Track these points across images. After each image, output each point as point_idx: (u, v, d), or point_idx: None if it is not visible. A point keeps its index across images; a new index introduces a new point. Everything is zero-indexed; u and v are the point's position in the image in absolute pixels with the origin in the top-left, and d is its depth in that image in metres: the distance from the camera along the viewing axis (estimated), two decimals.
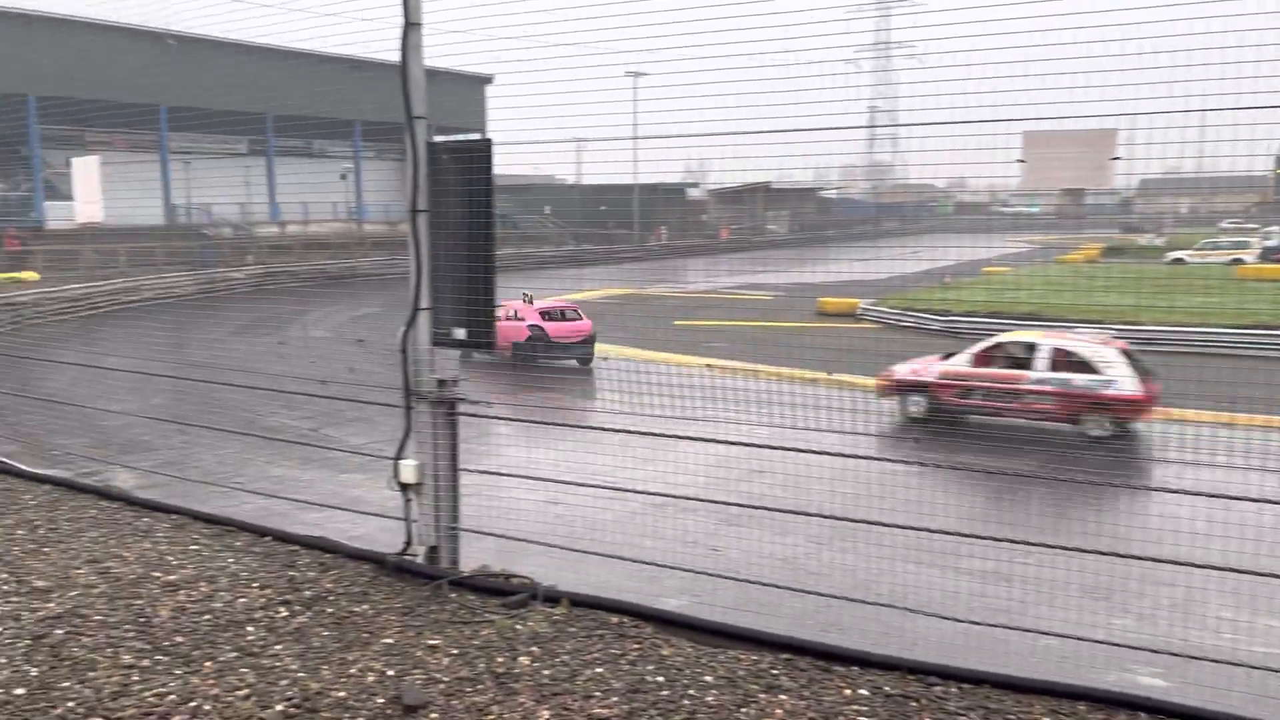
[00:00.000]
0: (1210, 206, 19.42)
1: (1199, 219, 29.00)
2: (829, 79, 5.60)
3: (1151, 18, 4.50)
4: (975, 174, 5.80)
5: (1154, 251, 30.15)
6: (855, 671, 5.04)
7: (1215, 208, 26.87)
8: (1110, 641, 5.95)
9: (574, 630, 5.52)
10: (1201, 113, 4.69)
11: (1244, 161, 5.25)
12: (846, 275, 21.43)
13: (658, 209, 40.99)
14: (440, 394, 6.24)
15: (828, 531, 8.43)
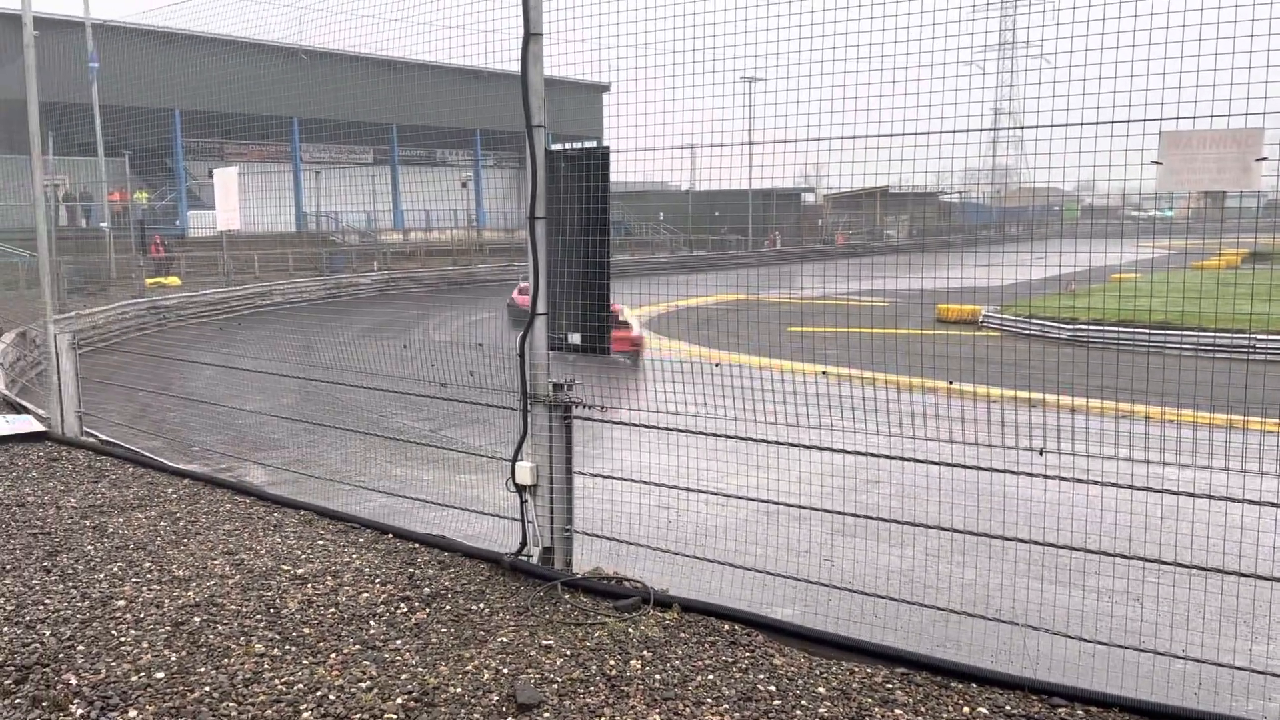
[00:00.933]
0: None
1: None
2: (950, 80, 5.48)
3: None
4: (1104, 177, 5.58)
5: None
6: (974, 689, 4.90)
7: None
8: (1253, 668, 5.64)
9: (685, 636, 5.52)
10: None
11: None
12: (967, 281, 20.88)
13: (772, 214, 40.75)
14: (556, 398, 6.34)
15: (947, 544, 8.23)
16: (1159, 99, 4.40)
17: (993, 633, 6.25)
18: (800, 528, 9.23)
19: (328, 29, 10.18)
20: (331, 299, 32.12)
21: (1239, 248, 20.11)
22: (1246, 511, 5.57)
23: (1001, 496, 7.85)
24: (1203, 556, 6.05)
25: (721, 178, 7.03)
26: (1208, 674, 5.54)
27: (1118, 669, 5.57)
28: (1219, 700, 5.41)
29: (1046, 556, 6.79)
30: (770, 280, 27.87)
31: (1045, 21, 6.12)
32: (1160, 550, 6.28)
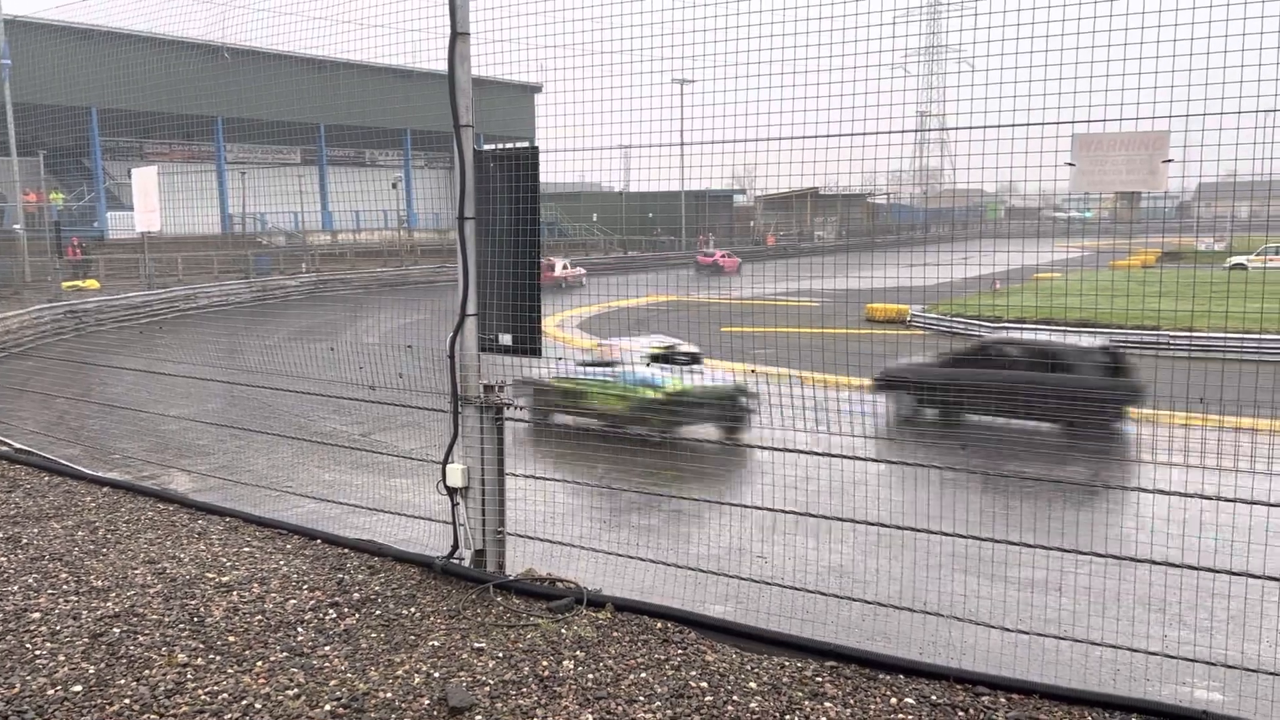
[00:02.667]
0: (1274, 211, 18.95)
1: (1262, 224, 28.29)
2: (877, 83, 5.58)
3: (1209, 17, 4.43)
4: (1025, 178, 5.73)
5: (1214, 257, 29.48)
6: (901, 680, 5.00)
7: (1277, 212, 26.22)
8: (1166, 653, 5.83)
9: (618, 635, 5.54)
10: (1259, 113, 4.60)
11: None
12: (895, 281, 21.25)
13: (705, 215, 41.03)
14: (487, 399, 6.31)
15: (876, 539, 8.36)
16: (1071, 103, 4.54)
17: (921, 625, 6.37)
18: (734, 525, 9.32)
19: (250, 27, 9.99)
20: (259, 301, 31.46)
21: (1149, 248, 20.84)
22: (1159, 502, 5.76)
23: (933, 493, 8.00)
24: (1119, 547, 6.26)
25: (654, 179, 7.06)
26: (1125, 660, 5.72)
27: (1040, 657, 5.73)
28: (1134, 685, 5.58)
29: (973, 549, 6.95)
30: (703, 281, 28.04)
31: (966, 26, 6.25)
32: (1077, 541, 6.47)
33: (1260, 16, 4.42)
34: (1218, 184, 9.83)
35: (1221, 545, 6.10)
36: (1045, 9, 4.65)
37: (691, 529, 9.08)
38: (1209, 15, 4.43)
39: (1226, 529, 6.06)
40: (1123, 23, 4.42)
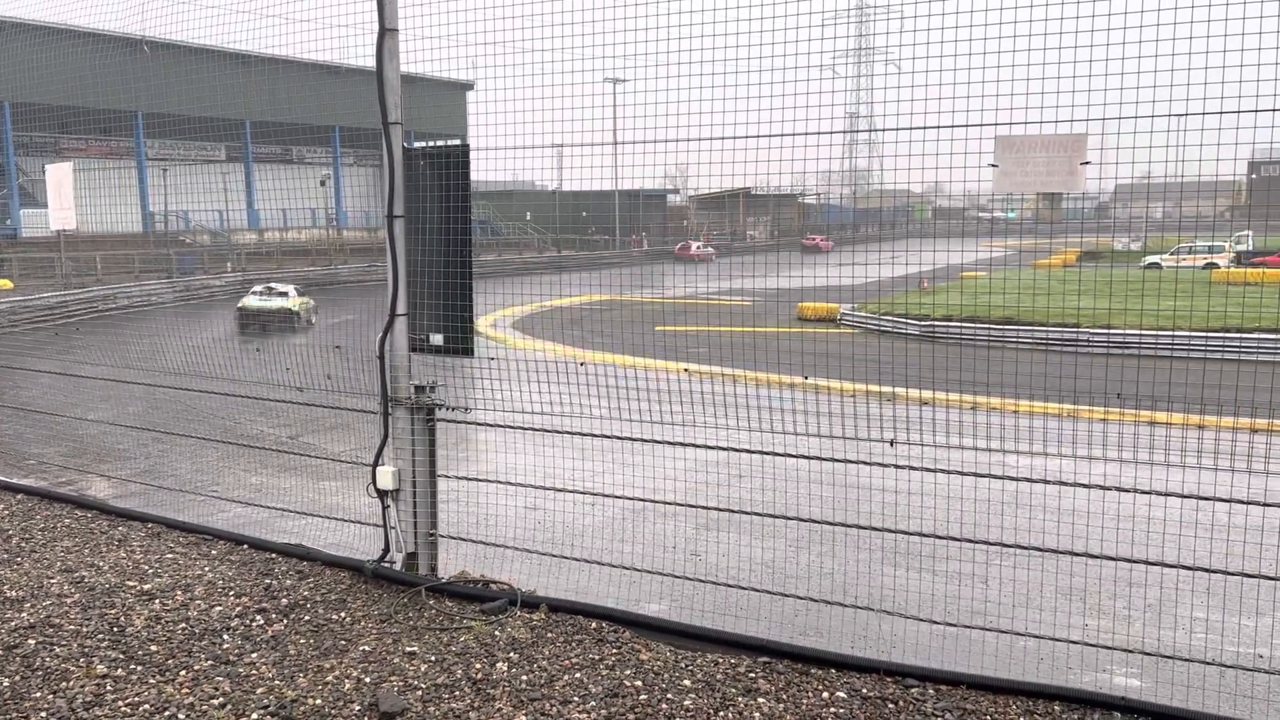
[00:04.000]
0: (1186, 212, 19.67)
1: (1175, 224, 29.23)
2: (807, 85, 5.64)
3: (1127, 24, 4.57)
4: (951, 179, 5.85)
5: (1131, 256, 30.44)
6: (833, 674, 5.07)
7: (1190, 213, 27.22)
8: (1087, 642, 6.00)
9: (552, 636, 5.52)
10: (1172, 117, 4.76)
11: (1218, 166, 5.33)
12: (826, 280, 21.52)
13: (638, 215, 41.14)
14: (418, 400, 6.23)
15: (808, 535, 8.46)
16: (997, 105, 4.65)
17: (852, 619, 6.46)
18: (669, 524, 9.35)
19: (172, 19, 9.72)
20: (183, 301, 30.68)
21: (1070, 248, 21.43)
22: (1079, 495, 5.92)
23: (860, 487, 8.12)
24: (1043, 538, 6.42)
25: (588, 178, 7.05)
26: (1047, 649, 5.87)
27: (967, 648, 5.85)
28: (1056, 673, 5.73)
29: (901, 543, 7.07)
30: (638, 280, 28.11)
31: (893, 29, 6.36)
32: (1002, 534, 6.63)
33: (1173, 23, 4.57)
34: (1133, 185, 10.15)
35: (1139, 536, 6.29)
36: (968, 14, 4.75)
37: (628, 528, 9.09)
38: (1124, 22, 4.58)
39: (1144, 520, 6.26)
40: (1042, 28, 4.54)
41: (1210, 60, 4.50)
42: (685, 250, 18.79)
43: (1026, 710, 4.67)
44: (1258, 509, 5.99)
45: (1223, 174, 5.29)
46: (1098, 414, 11.01)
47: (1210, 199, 18.81)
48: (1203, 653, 5.96)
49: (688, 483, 9.52)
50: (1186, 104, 4.64)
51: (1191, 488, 6.30)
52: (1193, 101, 4.61)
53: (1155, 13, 4.55)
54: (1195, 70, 4.53)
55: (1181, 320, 19.07)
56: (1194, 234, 33.15)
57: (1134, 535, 6.10)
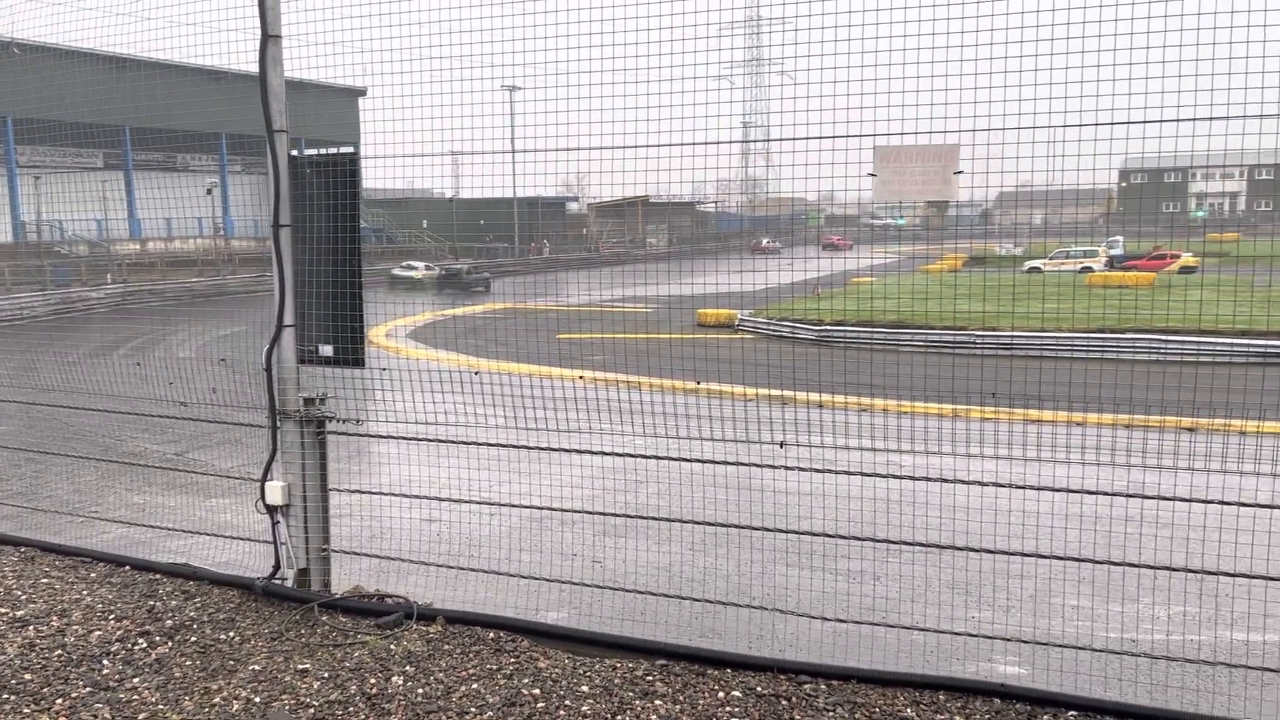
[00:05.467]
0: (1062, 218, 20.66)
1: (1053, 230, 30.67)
2: (703, 94, 5.74)
3: (1005, 38, 4.79)
4: (841, 188, 6.01)
5: (1013, 261, 31.71)
6: (729, 674, 5.15)
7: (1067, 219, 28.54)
8: (971, 633, 6.23)
9: (449, 648, 5.47)
10: (1051, 129, 5.00)
11: (1091, 175, 5.62)
12: (723, 287, 21.83)
13: (537, 222, 41.02)
14: (307, 413, 6.11)
15: (706, 538, 8.57)
16: (872, 116, 4.81)
17: (750, 619, 6.57)
18: (569, 531, 9.35)
19: (44, 20, 9.31)
20: (59, 315, 29.32)
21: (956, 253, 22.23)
22: (964, 492, 6.14)
23: (757, 490, 8.27)
24: (930, 535, 6.65)
25: (485, 185, 7.02)
26: (936, 641, 6.08)
27: (858, 643, 6.02)
28: (945, 664, 5.94)
29: (798, 544, 7.22)
30: (538, 288, 28.00)
31: (787, 41, 6.49)
32: (890, 531, 6.84)
33: (1050, 39, 4.81)
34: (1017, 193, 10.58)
35: (1019, 530, 6.56)
36: (847, 27, 4.91)
37: (528, 537, 9.07)
38: (1005, 37, 4.80)
39: (1024, 515, 6.53)
40: (915, 43, 4.72)
41: (1085, 75, 4.76)
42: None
43: (914, 701, 4.83)
44: (1130, 500, 6.31)
45: (1096, 182, 5.58)
46: (985, 413, 11.45)
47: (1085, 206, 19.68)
48: (1079, 639, 6.26)
49: (588, 490, 9.55)
50: (1065, 116, 4.89)
51: (1066, 482, 6.62)
52: (1070, 114, 4.86)
53: (1034, 29, 4.78)
54: (1072, 84, 4.79)
55: (1061, 322, 19.94)
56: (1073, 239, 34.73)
57: (1013, 530, 6.37)
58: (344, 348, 6.04)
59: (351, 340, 6.00)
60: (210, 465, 12.13)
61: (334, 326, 6.01)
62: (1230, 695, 5.24)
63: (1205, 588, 6.93)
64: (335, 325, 6.00)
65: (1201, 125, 4.88)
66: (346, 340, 6.02)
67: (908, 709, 4.76)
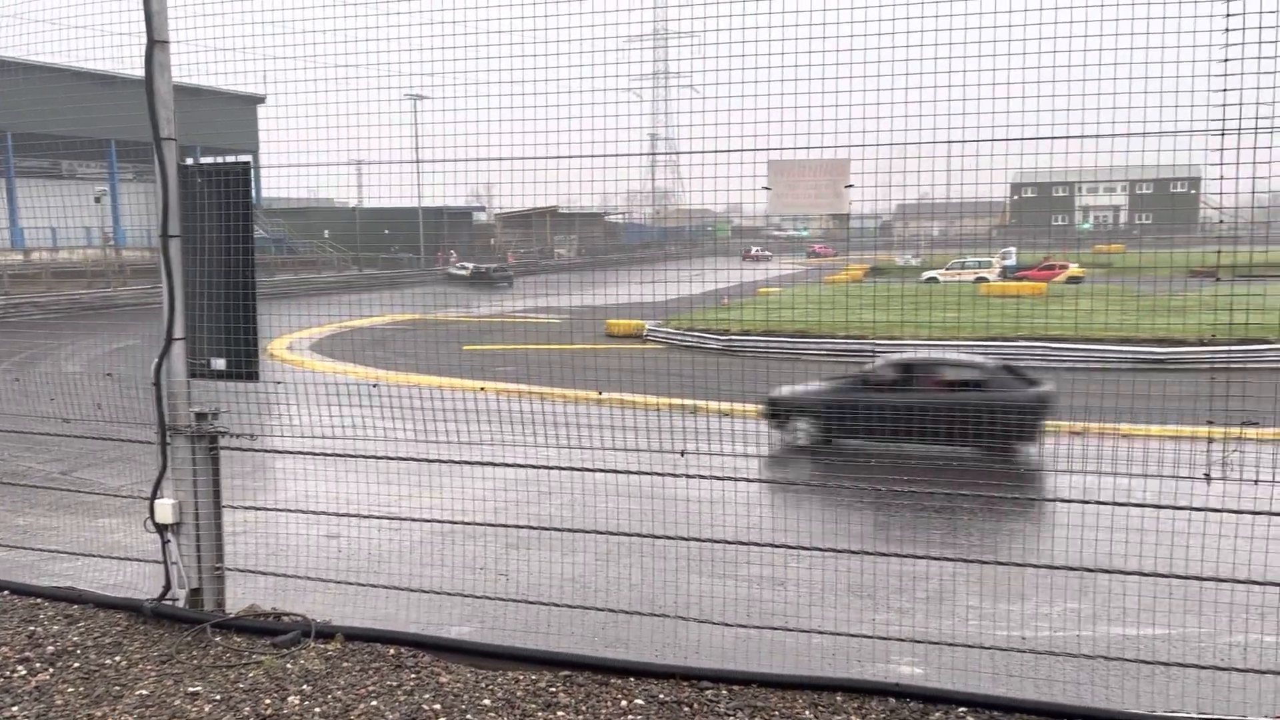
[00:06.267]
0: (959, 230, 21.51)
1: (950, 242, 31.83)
2: (610, 106, 5.77)
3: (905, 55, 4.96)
4: (746, 200, 6.11)
5: (912, 271, 32.66)
6: (632, 683, 5.17)
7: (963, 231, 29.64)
8: (872, 635, 6.37)
9: (348, 665, 5.37)
10: (948, 144, 5.18)
11: (985, 189, 5.83)
12: (632, 298, 21.95)
13: (444, 233, 40.56)
14: (199, 428, 5.93)
15: (614, 548, 8.58)
16: (766, 131, 4.92)
17: (657, 628, 6.60)
18: (475, 545, 9.26)
19: None
20: None
21: (859, 263, 22.76)
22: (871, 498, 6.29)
23: (665, 499, 8.31)
24: (832, 539, 6.78)
25: (390, 195, 6.92)
26: (840, 644, 6.20)
27: (760, 648, 6.10)
28: (847, 666, 6.07)
29: (705, 551, 7.28)
30: (446, 299, 27.69)
31: (695, 55, 6.57)
32: (798, 538, 6.95)
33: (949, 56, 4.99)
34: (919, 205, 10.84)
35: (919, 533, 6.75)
36: (741, 44, 5.01)
37: (434, 551, 8.95)
38: (907, 55, 4.97)
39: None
40: (806, 59, 4.85)
41: (981, 92, 4.95)
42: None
43: (812, 703, 4.92)
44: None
45: (990, 196, 5.79)
46: None
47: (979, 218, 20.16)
48: (973, 638, 6.46)
49: (495, 502, 9.46)
50: (964, 131, 5.08)
51: None
52: (968, 130, 5.05)
53: (934, 46, 4.95)
54: (969, 100, 4.97)
55: (957, 330, 20.53)
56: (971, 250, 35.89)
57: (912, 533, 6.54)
58: (237, 361, 5.89)
59: (245, 353, 5.86)
60: (98, 484, 11.67)
61: (227, 339, 5.86)
62: (1110, 688, 5.47)
63: (1092, 584, 7.22)
64: (228, 338, 5.85)
65: (1088, 142, 5.12)
66: (240, 353, 5.88)
67: (806, 711, 4.85)
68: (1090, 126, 5.07)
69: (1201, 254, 10.56)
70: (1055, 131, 5.08)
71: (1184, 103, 4.87)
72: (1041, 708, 4.91)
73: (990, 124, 5.00)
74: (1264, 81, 4.58)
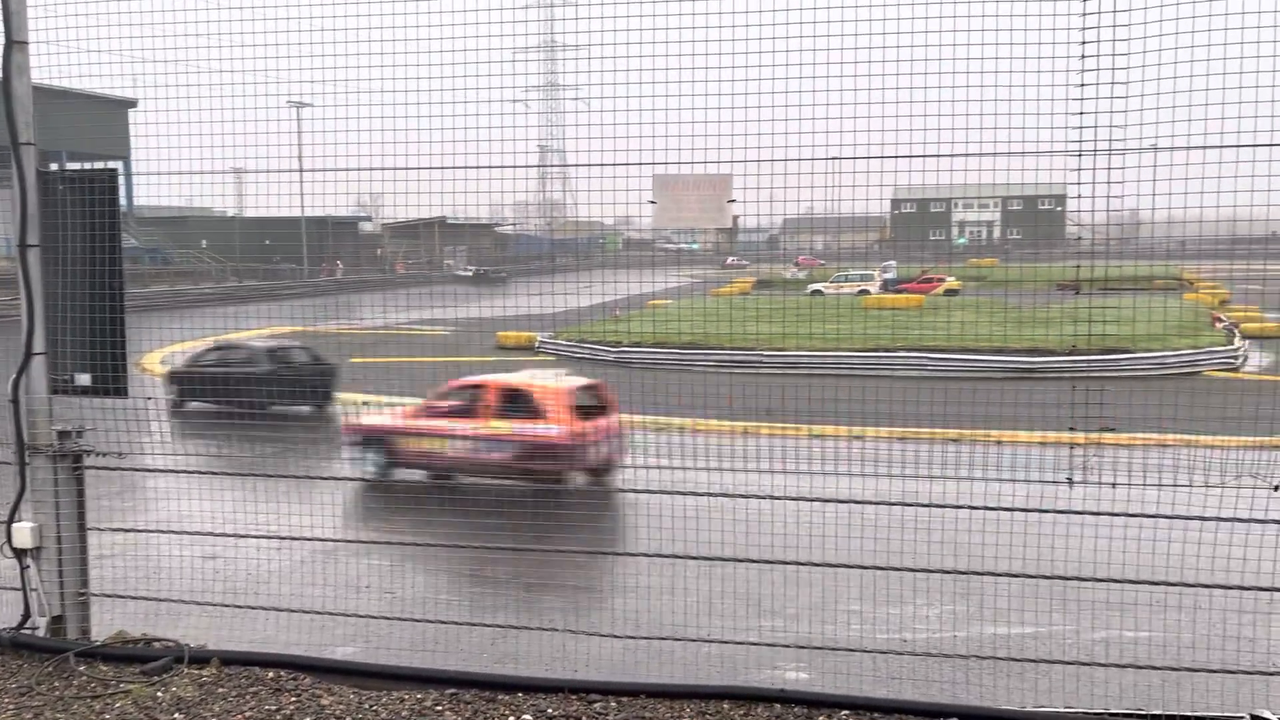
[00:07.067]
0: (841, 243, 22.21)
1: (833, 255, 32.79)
2: (499, 118, 5.75)
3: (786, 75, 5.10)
4: (635, 214, 6.15)
5: (797, 284, 33.45)
6: (520, 698, 5.13)
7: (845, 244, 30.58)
8: (759, 642, 6.47)
9: (224, 691, 5.18)
10: (826, 160, 5.32)
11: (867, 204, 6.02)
12: (523, 310, 21.82)
13: (328, 243, 39.69)
14: (62, 447, 5.65)
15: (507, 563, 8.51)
16: (652, 146, 4.98)
17: (548, 641, 6.56)
18: (362, 563, 9.05)
19: None
20: None
21: (746, 276, 23.20)
22: (753, 506, 6.39)
23: (557, 510, 8.29)
24: (722, 549, 6.87)
25: (272, 204, 6.73)
26: (729, 652, 6.27)
27: (653, 659, 6.13)
28: (736, 674, 6.13)
29: (598, 563, 7.28)
30: (330, 311, 27.02)
31: (581, 69, 6.59)
32: (685, 547, 7.01)
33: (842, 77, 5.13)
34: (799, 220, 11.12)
35: (805, 540, 6.87)
36: (627, 59, 5.06)
37: (318, 570, 8.71)
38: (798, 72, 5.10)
39: (809, 525, 6.85)
40: (690, 75, 4.93)
41: (858, 111, 5.12)
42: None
43: (700, 712, 4.97)
44: (906, 509, 6.75)
45: (871, 211, 5.97)
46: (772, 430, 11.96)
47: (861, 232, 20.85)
48: (856, 641, 6.63)
49: (386, 519, 9.29)
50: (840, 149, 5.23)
51: (849, 493, 6.99)
52: (845, 147, 5.21)
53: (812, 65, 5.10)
54: (848, 119, 5.14)
55: (840, 341, 21.11)
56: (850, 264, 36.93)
57: (800, 540, 6.66)
58: (104, 376, 5.64)
59: (113, 368, 5.61)
60: None
61: (93, 354, 5.60)
62: (984, 686, 5.69)
63: (969, 586, 7.48)
64: (94, 352, 5.60)
65: (959, 160, 5.34)
66: (107, 368, 5.62)
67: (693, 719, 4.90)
68: (961, 146, 5.30)
69: (1063, 269, 11.14)
70: (930, 150, 5.29)
71: (1047, 125, 5.15)
72: (919, 708, 5.07)
73: (866, 142, 5.18)
74: (1117, 106, 4.87)
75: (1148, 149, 5.00)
